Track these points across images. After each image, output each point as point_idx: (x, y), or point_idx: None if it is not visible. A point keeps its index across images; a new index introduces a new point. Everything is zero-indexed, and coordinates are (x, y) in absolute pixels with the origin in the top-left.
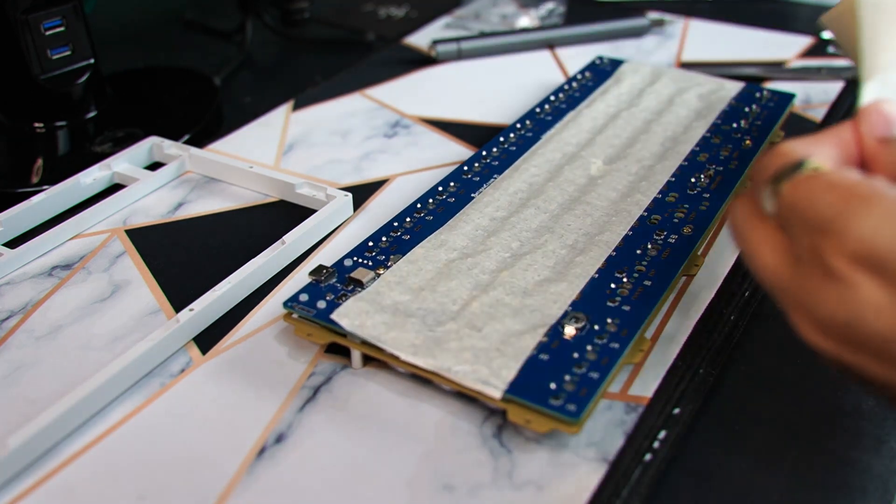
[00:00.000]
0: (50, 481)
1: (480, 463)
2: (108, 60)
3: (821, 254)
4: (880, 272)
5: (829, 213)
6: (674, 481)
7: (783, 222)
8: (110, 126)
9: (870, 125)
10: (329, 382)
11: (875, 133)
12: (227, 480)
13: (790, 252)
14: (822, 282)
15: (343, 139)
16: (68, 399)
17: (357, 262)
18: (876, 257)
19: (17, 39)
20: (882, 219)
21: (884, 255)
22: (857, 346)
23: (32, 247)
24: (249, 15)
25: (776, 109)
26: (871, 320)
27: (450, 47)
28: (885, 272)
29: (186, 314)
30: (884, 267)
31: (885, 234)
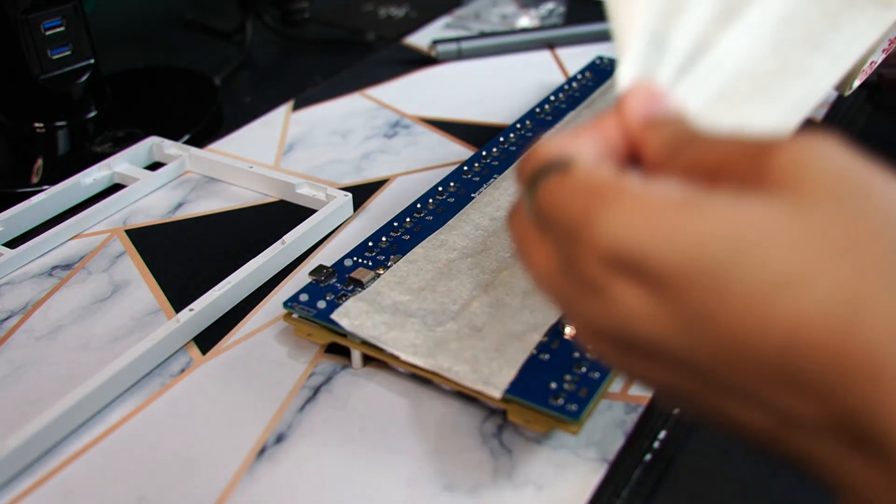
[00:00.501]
0: (50, 481)
1: (480, 463)
2: (108, 60)
3: (574, 261)
4: (634, 274)
5: (576, 216)
6: (674, 481)
7: (545, 228)
8: (110, 126)
9: (630, 109)
10: (329, 382)
11: (637, 116)
12: (227, 480)
13: (558, 259)
14: (584, 292)
15: (343, 139)
16: (68, 399)
17: (357, 262)
18: (625, 259)
19: (17, 39)
20: (626, 216)
21: (632, 255)
22: (640, 355)
23: (32, 247)
24: (249, 15)
25: None
26: (639, 327)
27: (450, 47)
28: (639, 273)
29: (186, 314)
30: (635, 267)
31: (630, 233)
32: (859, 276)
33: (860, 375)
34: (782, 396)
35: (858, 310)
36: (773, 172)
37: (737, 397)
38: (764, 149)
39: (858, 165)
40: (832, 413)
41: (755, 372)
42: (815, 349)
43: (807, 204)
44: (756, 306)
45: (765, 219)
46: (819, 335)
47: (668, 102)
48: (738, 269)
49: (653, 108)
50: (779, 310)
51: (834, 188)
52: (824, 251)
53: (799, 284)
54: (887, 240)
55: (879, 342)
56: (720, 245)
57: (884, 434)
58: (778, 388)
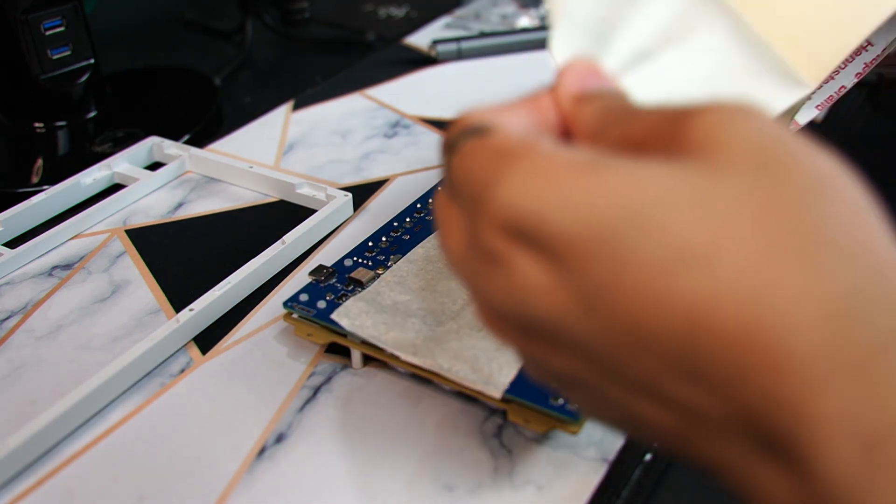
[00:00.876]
0: (50, 481)
1: (480, 463)
2: (108, 60)
3: (476, 230)
4: (532, 244)
5: (481, 180)
6: (674, 481)
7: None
8: (110, 126)
9: (565, 84)
10: (329, 382)
11: (570, 92)
12: (227, 480)
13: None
14: (485, 264)
15: (343, 139)
16: (68, 399)
17: (357, 262)
18: (524, 226)
19: (17, 39)
20: (526, 178)
21: (530, 223)
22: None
23: (32, 247)
24: (249, 15)
25: None
26: (536, 303)
27: (450, 47)
28: (537, 243)
29: (186, 314)
30: (533, 237)
31: (530, 197)
32: (768, 252)
33: (766, 366)
34: (685, 389)
35: (766, 291)
36: (690, 138)
37: (639, 391)
38: (684, 115)
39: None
40: (736, 409)
41: (655, 358)
42: (717, 334)
43: (719, 171)
44: (655, 283)
45: (670, 185)
46: (722, 318)
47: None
48: (637, 240)
49: (588, 84)
50: (680, 288)
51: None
52: (733, 223)
53: (703, 260)
54: (805, 214)
55: (785, 329)
56: (619, 213)
57: (789, 434)
58: (680, 379)
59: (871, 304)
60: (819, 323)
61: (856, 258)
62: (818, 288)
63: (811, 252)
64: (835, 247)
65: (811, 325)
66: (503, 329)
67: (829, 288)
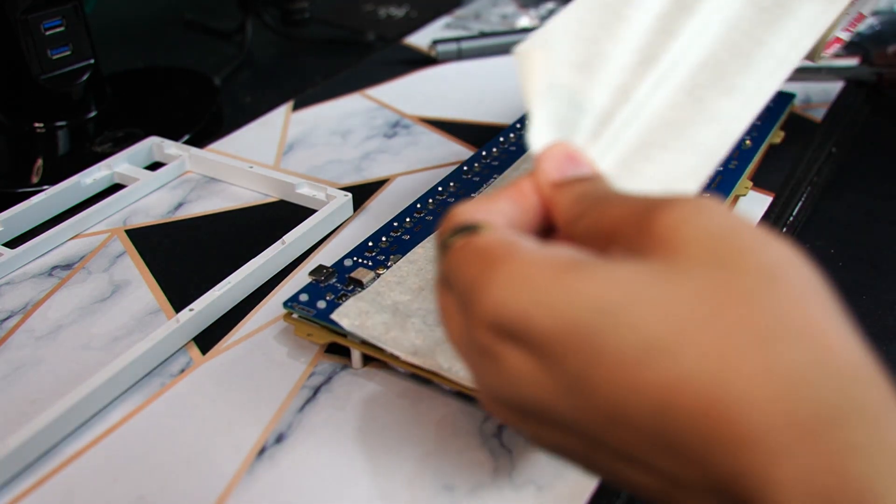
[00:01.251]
0: (50, 481)
1: (480, 463)
2: (108, 60)
3: (469, 327)
4: (518, 340)
5: (469, 281)
6: None
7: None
8: (110, 126)
9: (543, 172)
10: (329, 382)
11: (549, 178)
12: (227, 480)
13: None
14: (479, 356)
15: (343, 139)
16: (68, 399)
17: (357, 262)
18: (508, 325)
19: (17, 39)
20: (509, 282)
21: (514, 322)
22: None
23: (32, 247)
24: (249, 15)
25: (776, 109)
26: (527, 393)
27: (450, 47)
28: (522, 339)
29: (186, 314)
30: (518, 333)
31: (513, 299)
32: (726, 339)
33: (730, 440)
34: (663, 460)
35: (724, 375)
36: (654, 234)
37: (624, 460)
38: (649, 210)
39: (737, 227)
40: (708, 477)
41: (634, 436)
42: (686, 414)
43: (679, 267)
44: (627, 371)
45: (635, 283)
46: (689, 401)
47: (583, 163)
48: (609, 333)
49: (565, 170)
50: (649, 375)
51: (708, 250)
52: (693, 316)
53: (668, 350)
54: (757, 303)
55: (745, 407)
56: (591, 309)
57: (755, 494)
58: (658, 453)
59: (819, 379)
60: (773, 399)
61: (805, 339)
62: (769, 369)
63: (763, 337)
64: (785, 330)
65: (766, 402)
66: (502, 411)
67: (780, 368)
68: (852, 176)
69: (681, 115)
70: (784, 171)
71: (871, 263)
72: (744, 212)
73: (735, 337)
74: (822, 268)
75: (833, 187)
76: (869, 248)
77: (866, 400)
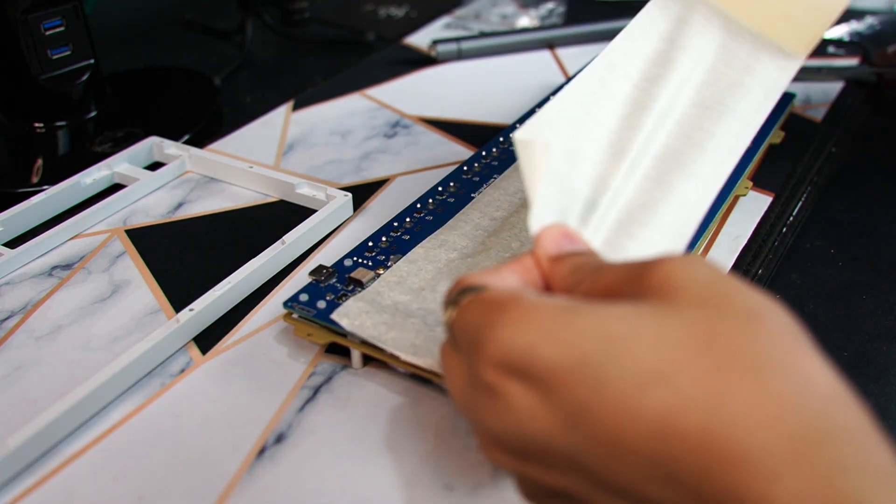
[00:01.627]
0: (50, 481)
1: (480, 463)
2: (108, 60)
3: (475, 369)
4: (523, 377)
5: (477, 327)
6: None
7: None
8: (110, 126)
9: (542, 248)
10: (329, 382)
11: (547, 253)
12: (227, 480)
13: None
14: (484, 397)
15: (343, 139)
16: (68, 399)
17: (357, 262)
18: (516, 363)
19: (17, 39)
20: (516, 323)
21: (520, 358)
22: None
23: (32, 247)
24: (249, 15)
25: (776, 109)
26: (529, 427)
27: (450, 47)
28: (527, 376)
29: (186, 314)
30: (524, 371)
31: (520, 339)
32: (718, 369)
33: (726, 462)
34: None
35: (718, 401)
36: (649, 286)
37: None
38: (642, 268)
39: (720, 277)
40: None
41: (634, 465)
42: (684, 439)
43: (672, 308)
44: (627, 399)
45: (633, 321)
46: (686, 425)
47: (578, 240)
48: (609, 365)
49: (562, 246)
50: (648, 402)
51: (697, 295)
52: (686, 348)
53: (664, 379)
54: (744, 337)
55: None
56: (593, 344)
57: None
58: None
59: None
60: (766, 422)
61: (789, 369)
62: (760, 394)
63: (750, 366)
64: (771, 361)
65: (759, 425)
66: (502, 456)
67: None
68: (852, 176)
69: (652, 197)
70: (784, 171)
71: (871, 263)
72: (746, 213)
73: (727, 366)
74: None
75: (833, 187)
76: (869, 248)
77: (848, 423)
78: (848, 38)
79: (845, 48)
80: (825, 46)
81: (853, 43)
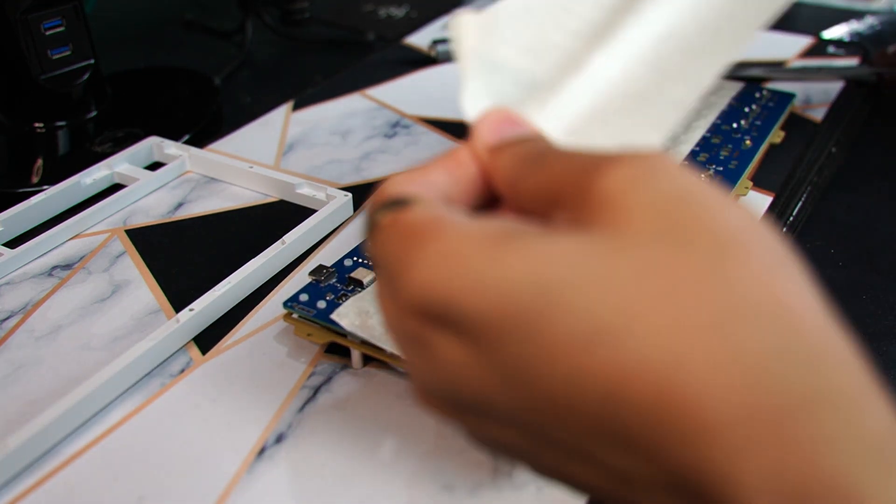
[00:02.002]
0: (50, 481)
1: (480, 463)
2: (108, 60)
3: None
4: (448, 325)
5: (394, 262)
6: None
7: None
8: (110, 126)
9: (479, 136)
10: (329, 382)
11: (486, 142)
12: (227, 480)
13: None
14: (409, 344)
15: (343, 139)
16: (68, 399)
17: (357, 262)
18: (437, 311)
19: (17, 39)
20: (435, 260)
21: (443, 308)
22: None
23: (32, 247)
24: (249, 15)
25: (776, 109)
26: (461, 383)
27: (450, 47)
28: (453, 323)
29: (186, 314)
30: (448, 318)
31: (440, 283)
32: (681, 320)
33: (687, 429)
34: (612, 455)
35: (680, 358)
36: (596, 198)
37: (569, 455)
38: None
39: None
40: (664, 471)
41: (579, 427)
42: (637, 403)
43: (625, 239)
44: (570, 356)
45: (577, 258)
46: (640, 387)
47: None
48: (548, 316)
49: (504, 132)
50: (595, 360)
51: (657, 218)
52: (643, 294)
53: (615, 332)
54: (712, 279)
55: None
56: (528, 290)
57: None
58: (606, 446)
59: (785, 364)
60: (734, 386)
61: (768, 319)
62: (729, 353)
63: (720, 318)
64: (745, 310)
65: (725, 390)
66: (436, 404)
67: (739, 353)
68: (852, 176)
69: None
70: (784, 171)
71: (871, 263)
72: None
73: (690, 317)
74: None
75: (833, 187)
76: (869, 248)
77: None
78: (848, 38)
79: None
80: (825, 46)
81: (853, 43)
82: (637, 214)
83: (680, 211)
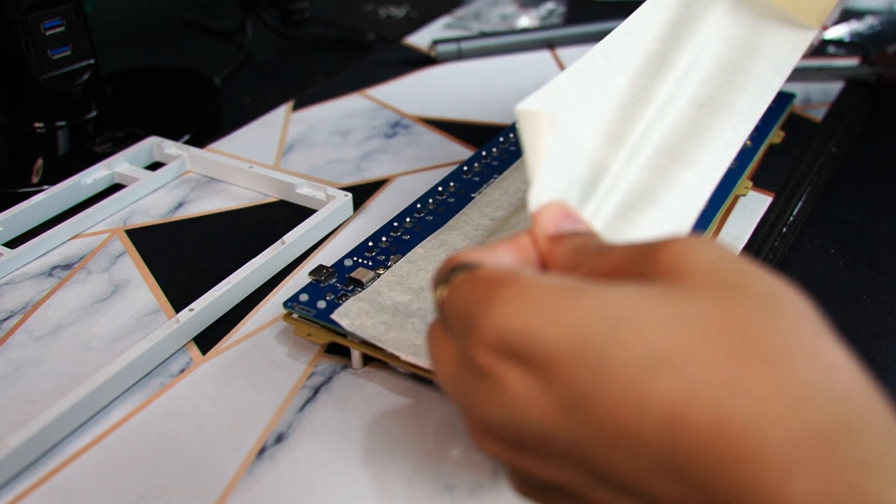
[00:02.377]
0: (50, 481)
1: (480, 463)
2: (108, 60)
3: (468, 352)
4: (521, 360)
5: (471, 307)
6: None
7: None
8: (110, 126)
9: (540, 226)
10: (329, 382)
11: (546, 232)
12: (227, 480)
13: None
14: (476, 382)
15: (343, 139)
16: (68, 399)
17: (357, 262)
18: (512, 344)
19: (17, 39)
20: (513, 301)
21: (517, 340)
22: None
23: (32, 247)
24: (249, 15)
25: (776, 109)
26: (526, 415)
27: (450, 47)
28: (525, 359)
29: (186, 314)
30: (522, 353)
31: (517, 318)
32: (733, 357)
33: (737, 460)
34: (667, 486)
35: (732, 391)
36: (657, 267)
37: (623, 491)
38: (650, 249)
39: (733, 259)
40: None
41: (638, 458)
42: (693, 430)
43: (683, 290)
44: (633, 386)
45: (641, 302)
46: (697, 415)
47: (577, 220)
48: (615, 349)
49: (562, 225)
50: (656, 389)
51: (709, 277)
52: (700, 332)
53: (675, 364)
54: (760, 323)
55: (754, 422)
56: (598, 326)
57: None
58: (662, 477)
59: (830, 396)
60: (783, 415)
61: (809, 360)
62: (779, 385)
63: (769, 354)
64: (789, 349)
65: (777, 418)
66: (493, 445)
67: (790, 385)
68: (852, 176)
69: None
70: (784, 171)
71: (871, 263)
72: (746, 213)
73: (743, 354)
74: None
75: (833, 187)
76: (869, 248)
77: (873, 417)
78: (848, 38)
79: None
80: (825, 46)
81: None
82: (694, 272)
83: (728, 272)
